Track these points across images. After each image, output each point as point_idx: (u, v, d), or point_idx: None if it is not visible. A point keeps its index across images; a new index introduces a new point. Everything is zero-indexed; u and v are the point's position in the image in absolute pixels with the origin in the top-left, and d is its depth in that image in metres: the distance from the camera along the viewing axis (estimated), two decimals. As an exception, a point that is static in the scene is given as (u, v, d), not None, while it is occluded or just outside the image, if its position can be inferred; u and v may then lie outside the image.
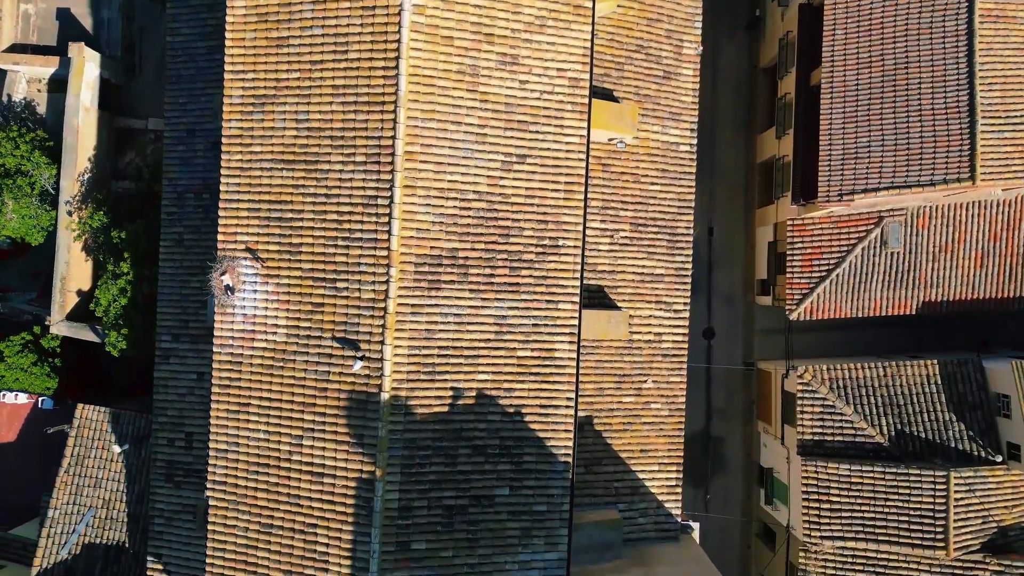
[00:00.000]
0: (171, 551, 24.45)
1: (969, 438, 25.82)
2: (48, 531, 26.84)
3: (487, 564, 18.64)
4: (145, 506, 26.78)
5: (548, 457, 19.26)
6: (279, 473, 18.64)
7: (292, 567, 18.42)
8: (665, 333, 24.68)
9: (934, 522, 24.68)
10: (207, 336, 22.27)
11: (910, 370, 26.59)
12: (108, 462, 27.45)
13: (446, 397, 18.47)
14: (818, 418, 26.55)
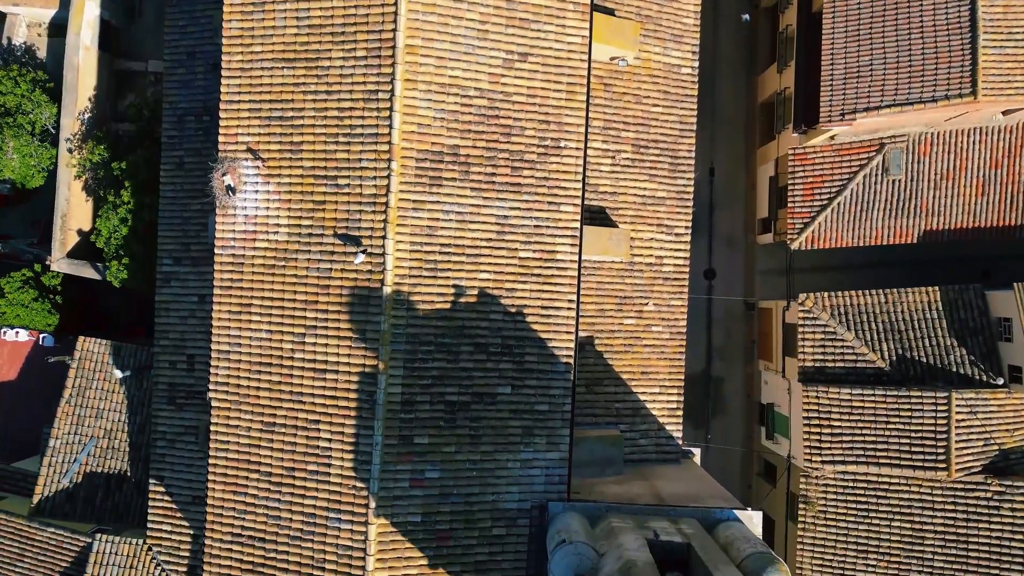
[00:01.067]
0: (173, 473, 24.48)
1: (970, 363, 25.84)
2: (49, 460, 26.89)
3: (489, 461, 18.67)
4: (147, 436, 26.81)
5: (549, 358, 19.27)
6: (281, 371, 18.67)
7: (295, 463, 18.46)
8: (666, 256, 24.66)
9: (935, 444, 24.71)
10: (208, 259, 22.25)
11: (911, 297, 26.59)
12: (109, 393, 27.50)
13: (448, 294, 18.47)
14: (819, 345, 26.56)
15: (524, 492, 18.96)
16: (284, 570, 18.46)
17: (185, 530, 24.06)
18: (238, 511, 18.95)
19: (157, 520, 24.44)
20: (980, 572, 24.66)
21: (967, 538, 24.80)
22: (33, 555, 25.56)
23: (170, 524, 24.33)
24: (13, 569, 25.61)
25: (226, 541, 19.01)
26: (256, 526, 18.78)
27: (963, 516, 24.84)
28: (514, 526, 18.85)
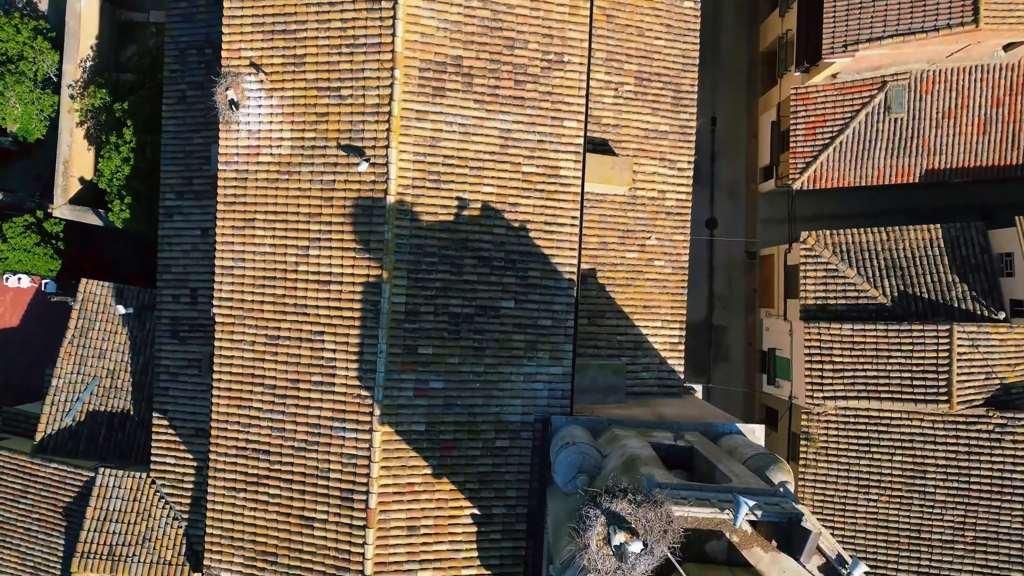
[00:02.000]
0: (176, 406, 24.52)
1: (972, 298, 25.88)
2: (52, 399, 26.93)
3: (493, 373, 18.72)
4: (150, 376, 26.85)
5: (552, 273, 19.31)
6: (285, 284, 18.69)
7: (299, 375, 18.50)
8: (669, 191, 24.68)
9: (937, 377, 24.76)
10: (210, 192, 22.28)
11: (913, 234, 26.63)
12: (112, 334, 27.54)
13: (451, 206, 18.50)
14: (821, 282, 26.60)
15: (527, 405, 19.01)
16: (289, 481, 18.51)
17: (188, 462, 24.11)
18: (242, 424, 18.99)
19: (160, 453, 24.49)
20: (981, 504, 24.74)
21: (968, 471, 24.87)
22: (36, 491, 25.62)
23: (173, 457, 24.37)
24: (16, 506, 25.68)
25: (231, 455, 19.06)
26: (260, 439, 18.83)
27: (964, 449, 24.91)
28: (517, 438, 18.91)
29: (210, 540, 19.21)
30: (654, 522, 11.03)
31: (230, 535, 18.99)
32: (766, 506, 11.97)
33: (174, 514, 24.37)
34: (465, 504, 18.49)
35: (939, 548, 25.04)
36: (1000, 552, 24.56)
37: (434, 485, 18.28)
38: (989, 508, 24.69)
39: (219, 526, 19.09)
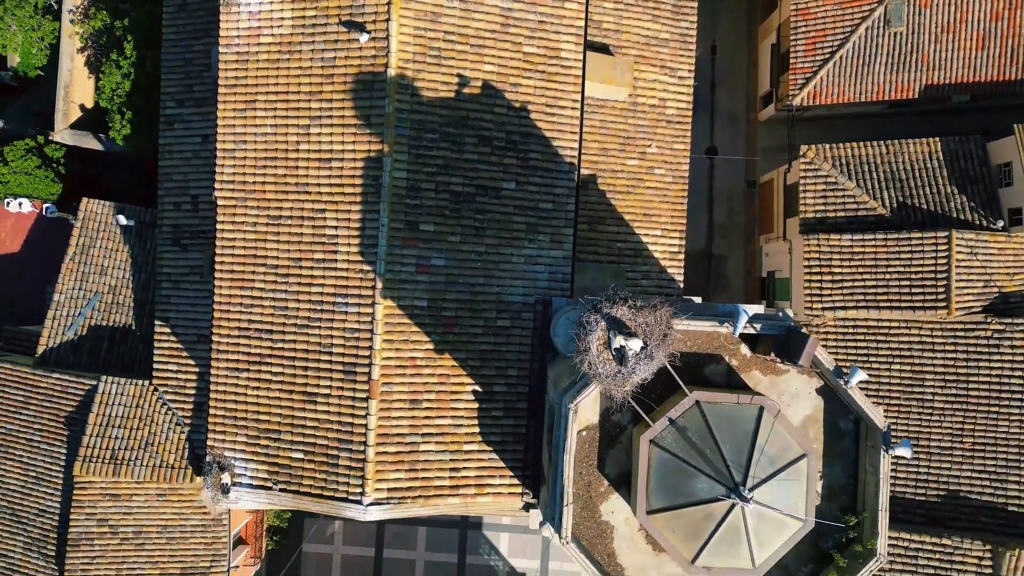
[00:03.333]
0: (178, 313, 24.61)
1: (971, 209, 25.96)
2: (53, 314, 26.98)
3: (494, 254, 18.79)
4: (151, 292, 26.92)
5: (554, 156, 19.37)
6: (287, 164, 18.74)
7: (302, 253, 18.57)
8: (669, 99, 24.71)
9: (936, 283, 24.86)
10: (211, 99, 22.27)
11: (912, 147, 26.69)
12: (113, 252, 27.57)
13: (452, 83, 18.54)
14: (820, 195, 26.67)
15: (528, 287, 19.09)
16: (291, 358, 18.60)
17: (191, 369, 24.21)
18: (245, 305, 19.07)
19: (163, 360, 24.59)
20: (980, 410, 24.86)
21: (967, 378, 24.98)
22: (38, 402, 25.69)
23: (176, 364, 24.47)
24: (18, 417, 25.75)
25: (233, 335, 19.15)
26: (263, 318, 18.91)
27: (963, 356, 25.02)
28: (518, 319, 19.00)
29: (213, 420, 19.32)
30: (654, 326, 11.13)
31: (233, 415, 19.10)
32: (765, 321, 12.06)
33: (176, 420, 24.48)
34: (467, 381, 18.58)
35: (937, 455, 25.18)
36: (998, 457, 24.71)
37: (436, 360, 18.38)
38: (987, 414, 24.82)
39: (222, 406, 19.20)
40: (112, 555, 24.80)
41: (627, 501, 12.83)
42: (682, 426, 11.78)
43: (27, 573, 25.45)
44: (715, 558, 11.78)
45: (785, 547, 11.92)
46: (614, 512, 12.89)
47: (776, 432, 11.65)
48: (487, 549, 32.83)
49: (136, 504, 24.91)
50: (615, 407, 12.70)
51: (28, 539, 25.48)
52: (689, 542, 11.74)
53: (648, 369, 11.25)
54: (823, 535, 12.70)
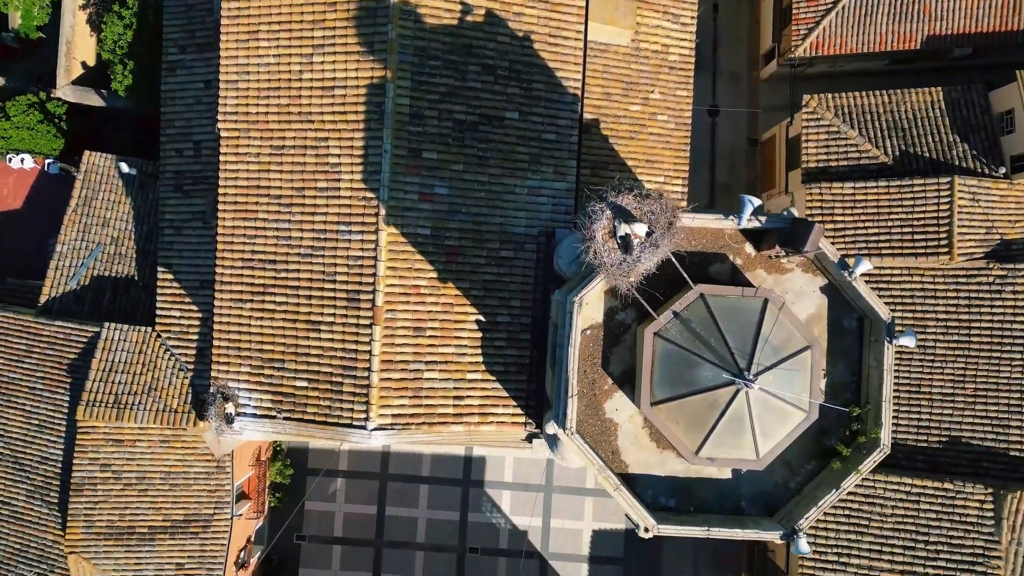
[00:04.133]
0: (181, 259, 24.63)
1: (972, 157, 25.95)
2: (56, 264, 26.99)
3: (497, 184, 18.81)
4: (154, 243, 26.94)
5: (557, 87, 19.36)
6: (290, 93, 18.74)
7: (305, 182, 18.58)
8: (672, 45, 24.68)
9: (938, 229, 24.86)
10: (213, 44, 22.29)
11: (914, 96, 26.68)
12: (116, 204, 27.59)
13: (455, 10, 18.51)
14: (823, 145, 26.65)
15: (531, 218, 19.11)
16: (295, 288, 18.62)
17: (194, 314, 24.23)
18: (248, 236, 19.09)
19: (166, 306, 24.62)
20: (982, 356, 24.89)
21: (968, 324, 25.00)
22: (40, 350, 25.72)
23: (179, 310, 24.49)
24: (20, 365, 25.77)
25: (237, 267, 19.16)
26: (266, 249, 18.93)
27: (965, 302, 25.03)
28: (521, 250, 19.02)
29: (217, 352, 19.35)
30: (659, 214, 11.14)
31: (237, 345, 19.13)
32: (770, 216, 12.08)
33: (179, 365, 24.50)
34: (470, 310, 18.61)
35: (939, 401, 25.21)
36: (1000, 402, 24.73)
37: (440, 289, 18.40)
38: (989, 359, 24.85)
39: (226, 337, 19.23)
40: (115, 500, 24.85)
41: (631, 399, 12.85)
42: (686, 319, 11.80)
43: (30, 521, 25.50)
44: (719, 448, 11.80)
45: (789, 438, 11.95)
46: (618, 410, 12.91)
47: (780, 323, 11.67)
48: (489, 507, 32.88)
49: (139, 450, 24.96)
50: (619, 306, 12.73)
51: (31, 487, 25.52)
52: (693, 432, 11.76)
53: (653, 259, 11.26)
54: (826, 432, 12.73)
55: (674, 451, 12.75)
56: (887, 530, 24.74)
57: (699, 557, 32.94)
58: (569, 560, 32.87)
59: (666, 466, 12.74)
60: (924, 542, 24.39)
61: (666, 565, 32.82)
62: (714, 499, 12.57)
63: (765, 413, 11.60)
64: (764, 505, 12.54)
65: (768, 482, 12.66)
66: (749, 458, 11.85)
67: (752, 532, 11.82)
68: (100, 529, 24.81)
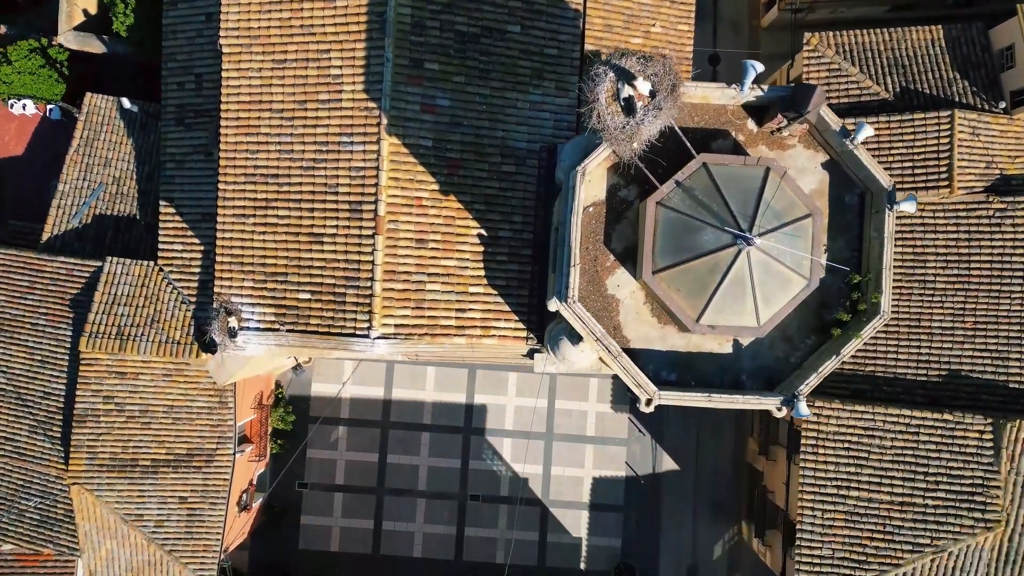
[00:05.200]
0: (183, 192, 24.67)
1: (972, 93, 25.98)
2: (58, 203, 27.06)
3: (499, 98, 18.85)
4: (155, 183, 26.98)
5: (558, 1, 19.38)
6: (292, 7, 18.74)
7: (307, 95, 18.61)
8: (672, -22, 24.69)
9: (938, 163, 24.91)
10: None
11: (915, 34, 26.71)
12: (117, 145, 27.62)
13: (457, -77, 18.53)
14: (824, 82, 26.64)
15: (533, 134, 19.16)
16: (297, 201, 18.68)
17: (196, 247, 24.29)
18: (251, 151, 19.14)
19: (168, 240, 24.67)
20: (981, 290, 24.97)
21: (968, 257, 25.07)
22: (43, 286, 25.79)
23: (181, 243, 24.55)
24: (23, 302, 25.83)
25: (239, 182, 19.22)
26: (268, 163, 18.98)
27: (964, 236, 25.10)
28: (523, 165, 19.07)
29: (220, 267, 19.42)
30: (662, 76, 11.17)
31: (240, 261, 19.20)
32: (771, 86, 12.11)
33: (181, 298, 24.57)
34: (472, 224, 18.67)
35: (939, 335, 25.29)
36: (999, 335, 24.82)
37: (442, 201, 18.46)
38: (989, 293, 24.93)
39: (229, 253, 19.29)
40: (118, 432, 24.95)
41: (632, 275, 12.91)
42: (689, 187, 11.86)
43: (33, 456, 25.59)
44: (720, 315, 11.87)
45: (789, 306, 12.02)
46: (620, 286, 12.97)
47: (782, 191, 11.73)
48: (490, 454, 33.00)
49: (142, 383, 25.05)
50: (621, 183, 12.78)
51: (34, 422, 25.62)
52: (694, 299, 11.83)
53: (656, 123, 11.31)
54: (827, 307, 12.81)
55: (675, 326, 12.82)
56: (886, 462, 24.84)
57: (699, 506, 33.09)
58: (569, 508, 33.02)
59: (667, 341, 12.81)
60: (923, 473, 24.49)
61: (666, 514, 32.97)
62: (715, 373, 12.65)
63: (766, 278, 11.67)
64: (765, 379, 12.62)
65: (769, 357, 12.74)
66: (750, 325, 11.91)
67: (752, 398, 11.90)
68: (103, 461, 24.92)
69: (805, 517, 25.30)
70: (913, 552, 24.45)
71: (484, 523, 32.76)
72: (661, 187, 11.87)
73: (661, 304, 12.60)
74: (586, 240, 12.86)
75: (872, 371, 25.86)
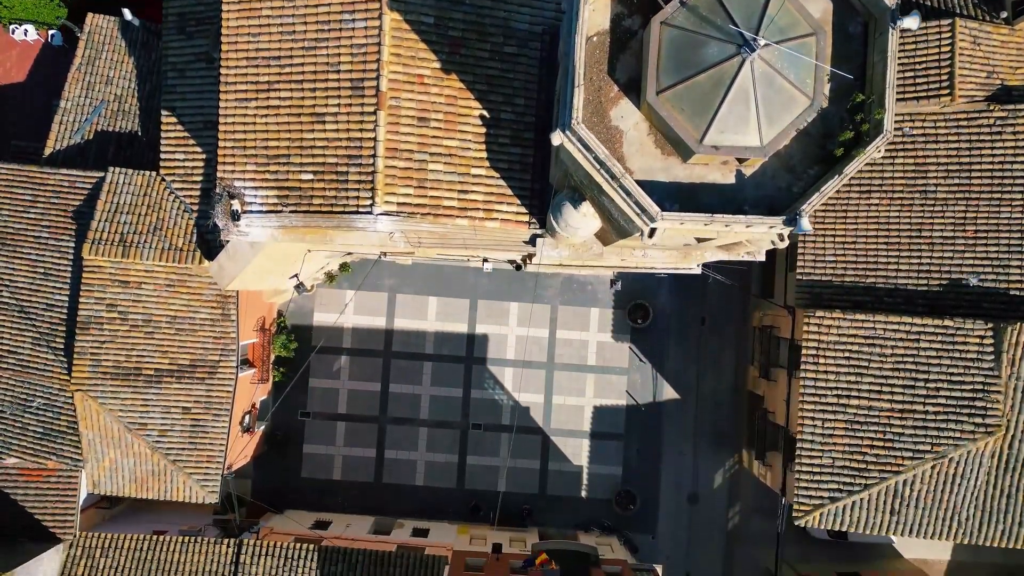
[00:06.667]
0: (184, 101, 24.70)
1: (974, 4, 25.95)
2: (60, 119, 27.06)
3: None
4: (157, 100, 26.99)
5: None
6: None
7: (308, -25, 18.56)
8: None
9: (939, 70, 24.91)
10: None
11: (917, -52, 26.63)
12: (119, 63, 27.60)
13: None
14: None
15: (535, 16, 19.14)
16: (299, 82, 18.69)
17: (198, 156, 24.37)
18: (252, 33, 19.12)
19: (170, 149, 24.70)
20: (982, 198, 25.03)
21: (969, 166, 25.12)
22: (46, 199, 25.82)
23: (183, 152, 24.60)
24: (25, 215, 25.86)
25: (241, 66, 19.22)
26: (271, 45, 18.96)
27: (966, 145, 25.14)
28: (525, 47, 19.06)
29: (222, 152, 19.44)
30: None
31: (242, 145, 19.22)
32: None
33: (184, 207, 24.63)
34: (474, 104, 18.69)
35: (940, 244, 25.36)
36: (1000, 243, 24.89)
37: (443, 80, 18.47)
38: (990, 201, 24.99)
39: (231, 137, 19.31)
40: (121, 340, 25.03)
41: (636, 106, 12.94)
42: (693, 6, 11.89)
43: (36, 368, 25.67)
44: (723, 135, 11.91)
45: (793, 126, 12.05)
46: (623, 117, 13.00)
47: (786, 10, 11.75)
48: (491, 384, 33.11)
49: (145, 292, 25.11)
50: (625, 12, 12.78)
51: (37, 334, 25.69)
52: (698, 118, 11.86)
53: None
54: (830, 137, 12.84)
55: (679, 157, 12.85)
56: (887, 370, 24.95)
57: (699, 435, 33.23)
58: (570, 436, 33.16)
59: (670, 172, 12.84)
60: (924, 380, 24.61)
61: (667, 442, 33.10)
62: (717, 204, 12.68)
63: (770, 93, 11.70)
64: (767, 209, 12.65)
65: (771, 187, 12.77)
66: (753, 144, 11.95)
67: (754, 219, 11.94)
68: (106, 368, 25.01)
69: (805, 427, 25.41)
70: (913, 459, 24.58)
71: (486, 452, 32.90)
72: (665, 7, 11.88)
73: (665, 132, 12.63)
74: (590, 70, 12.87)
75: (873, 282, 25.95)
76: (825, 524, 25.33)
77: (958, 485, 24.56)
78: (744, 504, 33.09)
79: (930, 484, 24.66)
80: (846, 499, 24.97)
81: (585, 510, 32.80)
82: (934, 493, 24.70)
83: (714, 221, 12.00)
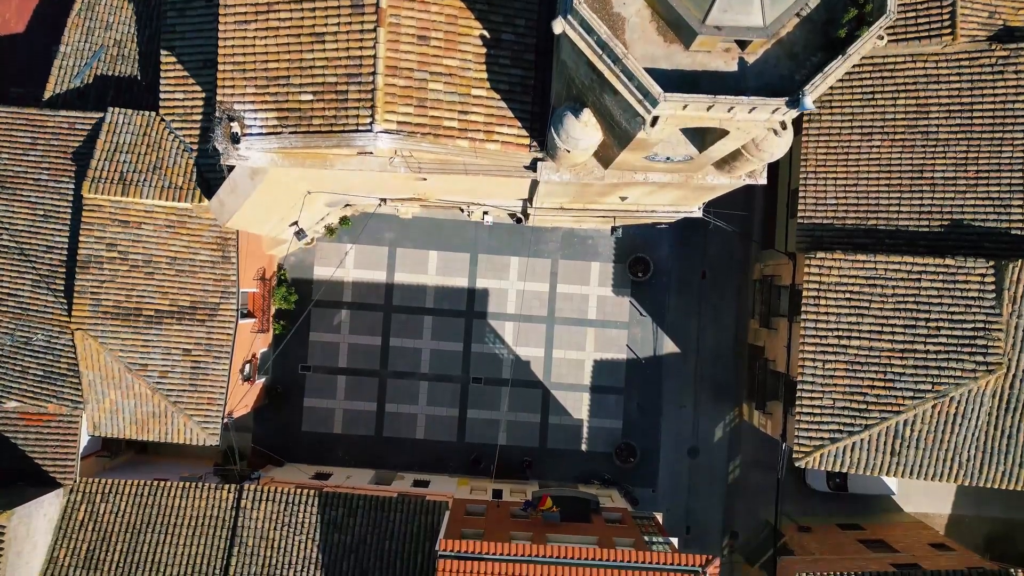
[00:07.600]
0: (184, 40, 24.64)
1: (976, -54, 25.85)
2: (60, 64, 27.04)
3: (501, -101, 18.67)
4: (156, 45, 26.93)
5: None
6: None
7: None
8: None
9: (941, 9, 24.81)
10: None
11: None
12: (118, 9, 27.54)
13: None
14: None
15: (536, -63, 19.05)
16: (298, 2, 18.61)
17: (197, 95, 24.32)
18: (252, -44, 19.03)
19: (169, 89, 24.64)
20: (984, 138, 24.96)
21: (971, 106, 25.05)
22: (45, 140, 25.77)
23: (183, 92, 24.55)
24: (25, 158, 25.80)
25: (241, -14, 19.12)
26: (270, -34, 18.88)
27: (967, 85, 25.07)
28: (526, -30, 18.97)
29: (222, 75, 19.37)
30: None
31: (242, 68, 19.16)
32: None
33: (184, 146, 24.58)
34: (475, 24, 18.62)
35: (941, 185, 25.32)
36: (1002, 183, 24.84)
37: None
38: (991, 141, 24.92)
39: (231, 60, 19.25)
40: (122, 280, 25.00)
41: (638, -7, 12.88)
42: None
43: (36, 310, 25.65)
44: (726, 15, 11.84)
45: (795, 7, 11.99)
46: (626, 3, 12.93)
47: None
48: (492, 337, 33.10)
49: (145, 232, 25.07)
50: None
51: (37, 276, 25.66)
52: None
53: None
54: (833, 23, 12.78)
55: (681, 44, 12.80)
56: (887, 311, 24.91)
57: (700, 389, 33.23)
58: (571, 390, 33.15)
59: (673, 59, 12.79)
60: (924, 320, 24.57)
61: (667, 396, 33.09)
62: (720, 92, 12.62)
63: (773, -29, 11.65)
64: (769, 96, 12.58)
65: (774, 74, 12.72)
66: (756, 24, 11.89)
67: (758, 99, 11.89)
68: (107, 308, 24.99)
69: (806, 369, 25.37)
70: (914, 398, 24.54)
71: (486, 405, 32.89)
72: None
73: (667, 16, 12.56)
74: (591, -41, 12.82)
75: (874, 224, 25.90)
76: (825, 465, 25.31)
77: (959, 425, 24.52)
78: (744, 457, 33.11)
79: (931, 424, 24.63)
80: (846, 440, 24.95)
81: (586, 463, 32.82)
82: (935, 434, 24.66)
83: (717, 103, 11.94)
